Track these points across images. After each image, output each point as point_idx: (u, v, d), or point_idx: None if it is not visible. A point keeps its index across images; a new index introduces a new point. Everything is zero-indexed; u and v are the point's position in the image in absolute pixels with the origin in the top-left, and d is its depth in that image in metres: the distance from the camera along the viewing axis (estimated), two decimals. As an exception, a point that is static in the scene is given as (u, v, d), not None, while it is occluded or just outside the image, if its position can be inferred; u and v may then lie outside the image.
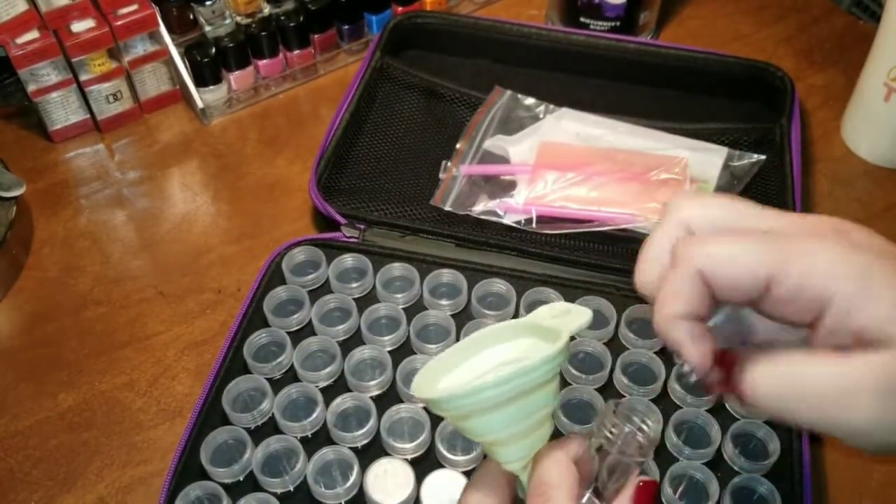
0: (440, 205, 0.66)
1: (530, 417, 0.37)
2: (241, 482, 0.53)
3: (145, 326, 0.63)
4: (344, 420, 0.55)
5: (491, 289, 0.61)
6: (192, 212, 0.71)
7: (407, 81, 0.76)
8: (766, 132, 0.71)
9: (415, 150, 0.71)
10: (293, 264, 0.63)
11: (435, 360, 0.39)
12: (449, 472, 0.52)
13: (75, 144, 0.76)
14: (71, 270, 0.67)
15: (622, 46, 0.76)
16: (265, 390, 0.56)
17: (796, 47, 0.83)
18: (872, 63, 0.71)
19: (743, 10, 0.87)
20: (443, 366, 0.39)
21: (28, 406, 0.59)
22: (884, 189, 0.72)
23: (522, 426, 0.37)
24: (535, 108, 0.72)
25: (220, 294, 0.65)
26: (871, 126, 0.73)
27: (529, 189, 0.66)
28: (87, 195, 0.72)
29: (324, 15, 0.79)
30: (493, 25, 0.78)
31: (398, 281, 0.62)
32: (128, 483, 0.56)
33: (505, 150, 0.69)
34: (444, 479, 0.52)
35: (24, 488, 0.55)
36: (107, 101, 0.75)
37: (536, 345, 0.40)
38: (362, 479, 0.52)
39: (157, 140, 0.77)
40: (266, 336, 0.59)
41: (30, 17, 0.68)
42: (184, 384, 0.60)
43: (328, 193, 0.67)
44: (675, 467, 0.52)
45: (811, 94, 0.79)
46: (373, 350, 0.58)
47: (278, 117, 0.78)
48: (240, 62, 0.77)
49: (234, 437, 0.54)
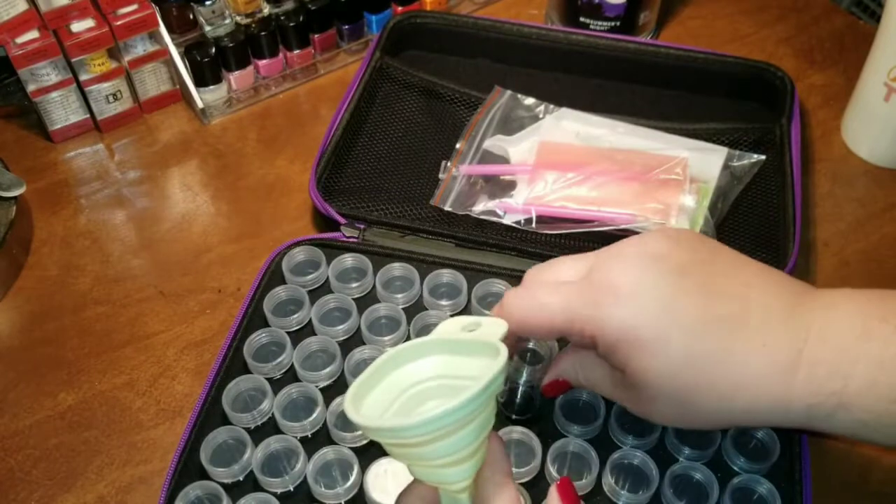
0: (440, 205, 0.66)
1: (481, 434, 0.37)
2: (241, 482, 0.53)
3: (145, 326, 0.63)
4: (344, 420, 0.55)
5: (491, 289, 0.61)
6: (191, 211, 0.71)
7: (407, 81, 0.76)
8: (766, 132, 0.71)
9: (414, 150, 0.71)
10: (293, 264, 0.63)
11: (351, 386, 0.38)
12: (449, 471, 0.52)
13: (75, 144, 0.76)
14: (71, 270, 0.67)
15: (622, 46, 0.76)
16: (265, 390, 0.56)
17: (796, 47, 0.83)
18: (872, 63, 0.71)
19: (743, 9, 0.87)
20: (359, 391, 0.38)
21: (28, 405, 0.59)
22: (884, 189, 0.72)
23: (475, 444, 0.36)
24: (535, 107, 0.72)
25: (220, 294, 0.65)
26: (871, 126, 0.73)
27: (529, 189, 0.66)
28: (86, 195, 0.72)
29: (324, 15, 0.79)
30: (492, 25, 0.78)
31: (398, 281, 0.62)
32: (128, 483, 0.56)
33: (505, 150, 0.69)
34: (444, 479, 0.52)
35: (23, 488, 0.55)
36: (107, 101, 0.75)
37: (452, 361, 0.40)
38: (362, 479, 0.52)
39: (157, 140, 0.77)
40: (266, 336, 0.59)
41: (30, 16, 0.68)
42: (184, 384, 0.60)
43: (328, 193, 0.67)
44: (674, 467, 0.52)
45: (811, 94, 0.79)
46: (373, 350, 0.58)
47: (278, 117, 0.78)
48: (240, 62, 0.77)
49: (234, 436, 0.54)
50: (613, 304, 0.42)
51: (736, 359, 0.41)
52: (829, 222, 0.69)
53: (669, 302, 0.41)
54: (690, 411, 0.43)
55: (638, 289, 0.42)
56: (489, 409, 0.37)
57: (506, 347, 0.38)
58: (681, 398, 0.42)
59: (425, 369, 0.40)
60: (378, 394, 0.39)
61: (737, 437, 0.53)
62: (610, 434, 0.54)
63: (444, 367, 0.40)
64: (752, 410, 0.42)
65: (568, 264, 0.46)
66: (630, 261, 0.43)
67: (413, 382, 0.39)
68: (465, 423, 0.35)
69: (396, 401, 0.39)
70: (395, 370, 0.40)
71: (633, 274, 0.42)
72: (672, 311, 0.41)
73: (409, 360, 0.40)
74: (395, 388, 0.39)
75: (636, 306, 0.41)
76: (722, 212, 0.65)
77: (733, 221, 0.66)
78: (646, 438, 0.53)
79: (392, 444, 0.36)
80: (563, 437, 0.53)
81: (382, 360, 0.39)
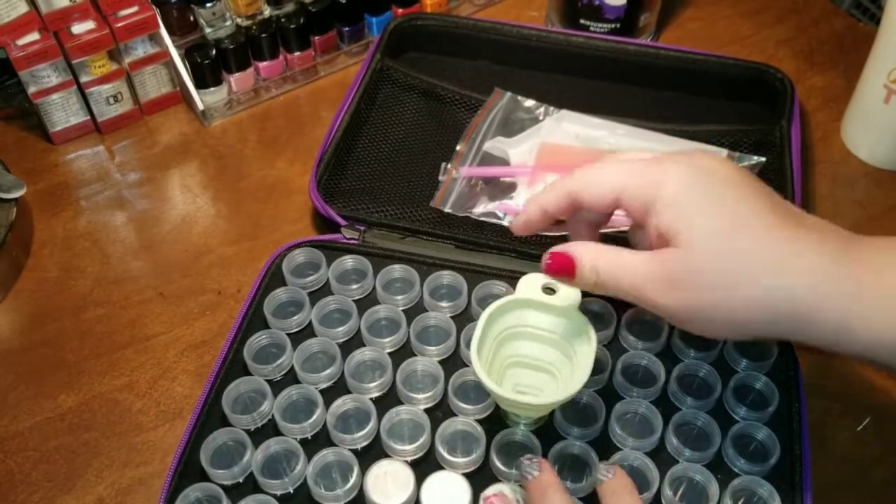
0: (440, 206, 0.66)
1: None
2: (240, 484, 0.53)
3: (145, 328, 0.63)
4: (344, 422, 0.55)
5: (491, 290, 0.61)
6: (192, 213, 0.71)
7: (407, 83, 0.76)
8: (765, 134, 0.71)
9: (415, 152, 0.71)
10: (293, 266, 0.63)
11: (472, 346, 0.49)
12: (449, 473, 0.52)
13: (76, 146, 0.76)
14: (71, 271, 0.67)
15: (622, 48, 0.76)
16: (265, 392, 0.56)
17: (796, 49, 0.84)
18: (872, 65, 0.71)
19: (743, 11, 0.87)
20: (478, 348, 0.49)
21: (28, 407, 0.59)
22: (884, 191, 0.72)
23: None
24: (535, 109, 0.72)
25: (220, 295, 0.65)
26: (871, 128, 0.73)
27: (529, 191, 0.66)
28: (87, 196, 0.72)
29: (324, 17, 0.79)
30: (493, 27, 0.78)
31: (398, 282, 0.62)
32: (127, 484, 0.56)
33: (505, 152, 0.69)
34: (444, 481, 0.52)
35: (23, 489, 0.55)
36: (107, 103, 0.75)
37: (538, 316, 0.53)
38: (362, 481, 0.52)
39: (157, 141, 0.77)
40: (266, 337, 0.59)
41: (30, 18, 0.68)
42: (184, 385, 0.60)
43: (328, 195, 0.67)
44: (675, 469, 0.52)
45: (811, 96, 0.79)
46: (373, 352, 0.58)
47: (278, 119, 0.78)
48: (240, 64, 0.77)
49: (233, 438, 0.54)
50: (674, 174, 0.44)
51: (793, 239, 0.42)
52: (830, 224, 0.69)
53: (717, 190, 0.44)
54: (732, 280, 0.42)
55: (691, 181, 0.44)
56: None
57: (595, 333, 0.50)
58: (727, 266, 0.42)
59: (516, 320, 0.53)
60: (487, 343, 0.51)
61: (737, 438, 0.53)
62: (610, 436, 0.54)
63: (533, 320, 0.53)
64: (790, 299, 0.41)
65: (630, 154, 0.48)
66: (682, 163, 0.45)
67: (507, 327, 0.52)
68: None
69: (494, 341, 0.52)
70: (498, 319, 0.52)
71: (685, 172, 0.44)
72: (721, 195, 0.43)
73: (504, 313, 0.52)
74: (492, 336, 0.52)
75: (693, 182, 0.44)
76: (722, 213, 0.65)
77: (733, 223, 0.65)
78: (646, 440, 0.53)
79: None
80: (564, 440, 0.53)
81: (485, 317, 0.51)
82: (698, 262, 0.42)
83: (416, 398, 0.55)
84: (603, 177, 0.47)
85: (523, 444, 0.53)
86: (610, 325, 0.59)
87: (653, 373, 0.57)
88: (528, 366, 0.54)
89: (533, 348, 0.53)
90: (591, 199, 0.47)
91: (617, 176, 0.46)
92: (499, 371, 0.53)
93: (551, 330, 0.52)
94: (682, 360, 0.58)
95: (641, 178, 0.45)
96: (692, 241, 0.43)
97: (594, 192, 0.47)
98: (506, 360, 0.53)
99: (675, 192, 0.44)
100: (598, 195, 0.47)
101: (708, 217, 0.43)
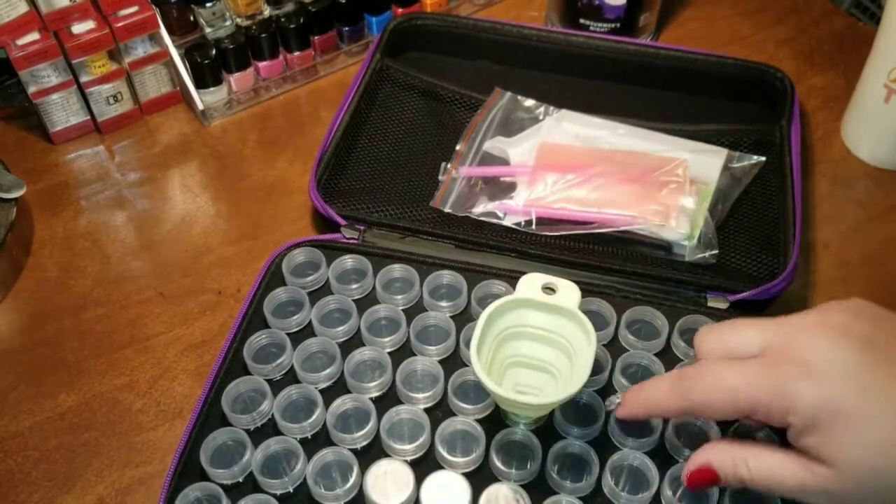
0: (440, 206, 0.66)
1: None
2: (240, 483, 0.53)
3: (145, 327, 0.63)
4: (344, 421, 0.55)
5: (491, 290, 0.61)
6: (192, 213, 0.71)
7: (407, 83, 0.76)
8: (765, 134, 0.71)
9: (415, 152, 0.71)
10: (293, 265, 0.63)
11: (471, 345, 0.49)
12: (449, 473, 0.52)
13: (76, 146, 0.76)
14: (71, 271, 0.67)
15: (622, 48, 0.76)
16: (265, 391, 0.56)
17: (796, 49, 0.84)
18: (872, 65, 0.71)
19: (743, 11, 0.87)
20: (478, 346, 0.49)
21: (28, 407, 0.59)
22: (884, 191, 0.72)
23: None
24: (535, 109, 0.72)
25: (220, 295, 0.65)
26: (871, 128, 0.73)
27: (529, 190, 0.66)
28: (87, 196, 0.72)
29: (324, 16, 0.79)
30: (492, 27, 0.78)
31: (398, 282, 0.62)
32: (127, 484, 0.56)
33: (505, 152, 0.69)
34: (444, 481, 0.52)
35: (23, 489, 0.55)
36: (107, 103, 0.75)
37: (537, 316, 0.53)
38: (362, 481, 0.52)
39: (157, 141, 0.77)
40: (266, 337, 0.59)
41: (30, 18, 0.68)
42: (184, 385, 0.60)
43: (328, 195, 0.67)
44: (675, 469, 0.52)
45: (811, 96, 0.79)
46: (373, 351, 0.58)
47: (278, 119, 0.78)
48: (240, 64, 0.77)
49: (233, 438, 0.54)
50: (806, 380, 0.40)
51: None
52: (830, 224, 0.69)
53: (866, 375, 0.40)
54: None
55: (830, 363, 0.40)
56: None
57: (594, 333, 0.50)
58: (887, 478, 0.39)
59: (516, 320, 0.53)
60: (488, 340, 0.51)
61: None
62: (610, 436, 0.54)
63: (533, 320, 0.53)
64: None
65: (738, 333, 0.44)
66: (816, 332, 0.41)
67: (506, 327, 0.53)
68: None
69: (495, 340, 0.52)
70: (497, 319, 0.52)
71: (823, 346, 0.40)
72: (871, 385, 0.39)
73: (504, 313, 0.52)
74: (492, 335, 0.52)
75: (832, 381, 0.40)
76: (722, 213, 0.65)
77: (733, 223, 0.66)
78: (645, 440, 0.53)
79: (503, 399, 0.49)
80: (563, 439, 0.53)
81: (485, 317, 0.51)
82: (861, 478, 0.40)
83: (416, 398, 0.55)
84: (721, 394, 0.42)
85: (523, 444, 0.53)
86: (610, 325, 0.59)
87: (653, 372, 0.57)
88: (527, 366, 0.54)
89: (533, 348, 0.53)
90: (711, 417, 0.47)
91: (742, 394, 0.41)
92: (499, 371, 0.53)
93: (551, 330, 0.52)
94: (682, 360, 0.58)
95: (768, 393, 0.41)
96: (847, 461, 0.40)
97: (717, 411, 0.43)
98: (506, 359, 0.53)
99: (813, 408, 0.40)
100: (722, 414, 0.43)
101: (863, 430, 0.39)
